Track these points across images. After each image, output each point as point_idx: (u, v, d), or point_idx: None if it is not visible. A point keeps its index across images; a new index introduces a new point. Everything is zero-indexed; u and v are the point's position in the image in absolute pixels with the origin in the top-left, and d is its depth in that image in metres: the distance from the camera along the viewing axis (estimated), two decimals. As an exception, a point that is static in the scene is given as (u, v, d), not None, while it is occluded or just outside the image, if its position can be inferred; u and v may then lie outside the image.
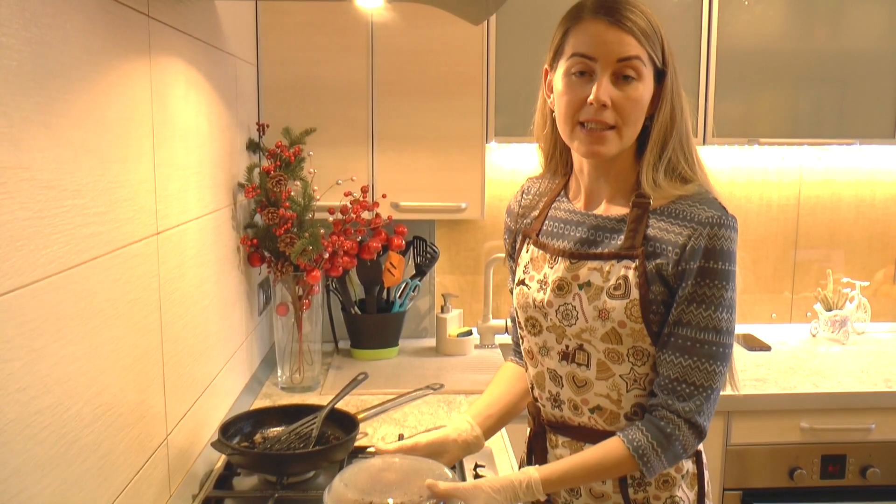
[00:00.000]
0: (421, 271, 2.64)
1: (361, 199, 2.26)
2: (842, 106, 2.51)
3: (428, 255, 2.64)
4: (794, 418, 2.27)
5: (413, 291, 2.63)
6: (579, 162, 1.35)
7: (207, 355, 1.73)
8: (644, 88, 1.24)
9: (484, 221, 2.71)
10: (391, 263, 2.51)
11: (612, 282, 1.25)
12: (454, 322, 2.65)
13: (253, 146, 2.20)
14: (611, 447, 1.24)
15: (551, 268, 1.33)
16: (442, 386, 2.25)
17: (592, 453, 1.26)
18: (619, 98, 1.22)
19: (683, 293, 1.22)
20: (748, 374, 2.40)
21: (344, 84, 2.32)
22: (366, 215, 2.28)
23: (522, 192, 1.49)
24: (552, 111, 1.32)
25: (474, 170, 2.37)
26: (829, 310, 2.76)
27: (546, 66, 1.33)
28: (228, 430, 1.66)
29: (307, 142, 2.14)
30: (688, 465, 1.32)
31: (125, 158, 1.24)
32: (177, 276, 1.50)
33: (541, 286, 1.33)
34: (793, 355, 2.60)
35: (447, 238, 2.76)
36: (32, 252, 0.95)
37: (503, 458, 1.77)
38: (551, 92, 1.31)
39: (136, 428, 1.29)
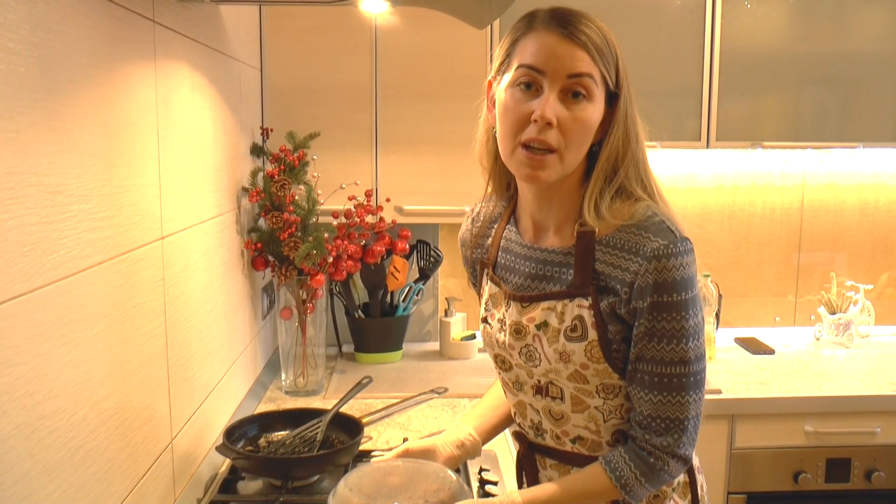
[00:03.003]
0: (424, 275, 2.64)
1: (365, 202, 2.26)
2: (845, 109, 2.51)
3: (432, 259, 2.64)
4: (799, 422, 2.26)
5: (417, 295, 2.63)
6: (522, 188, 1.28)
7: (212, 359, 1.73)
8: (593, 110, 1.15)
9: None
10: (395, 267, 2.51)
11: (568, 323, 1.20)
12: (458, 326, 2.65)
13: (257, 150, 2.20)
14: (594, 476, 1.21)
15: (506, 310, 1.29)
16: (446, 389, 2.25)
17: (576, 481, 1.23)
18: (565, 118, 1.13)
19: (639, 330, 1.16)
20: (752, 378, 2.40)
21: (348, 88, 2.32)
22: (370, 219, 2.28)
23: (472, 220, 1.43)
24: (494, 127, 1.24)
25: (478, 173, 2.36)
26: (833, 313, 2.76)
27: (489, 77, 1.25)
28: (233, 434, 1.66)
29: (311, 146, 2.14)
30: (679, 476, 1.29)
31: (131, 163, 1.24)
32: (182, 280, 1.50)
33: (501, 326, 1.30)
34: (797, 359, 2.60)
35: (451, 242, 2.76)
36: (39, 257, 0.95)
37: (507, 462, 1.77)
38: (493, 106, 1.23)
39: (142, 432, 1.29)
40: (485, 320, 1.36)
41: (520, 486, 1.42)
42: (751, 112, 2.49)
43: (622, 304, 1.16)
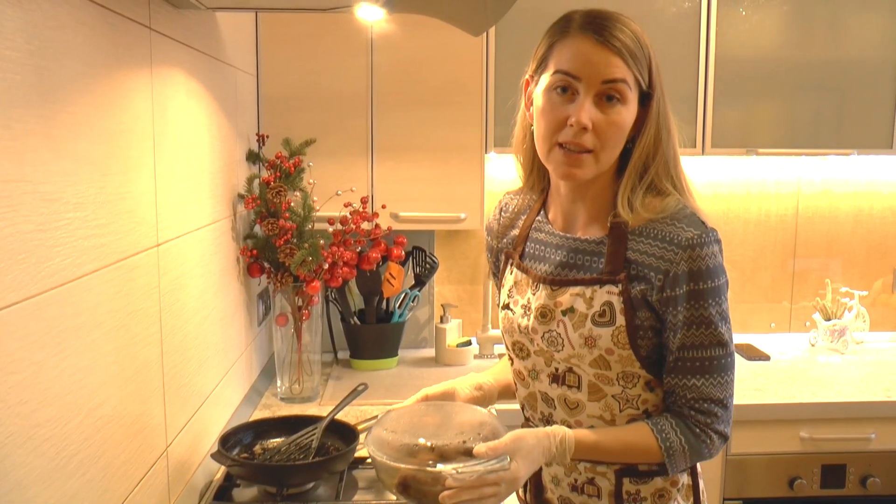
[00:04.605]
0: (420, 281, 2.64)
1: (361, 209, 2.26)
2: (840, 116, 2.52)
3: (427, 266, 2.64)
4: (794, 428, 2.27)
5: (412, 302, 2.63)
6: (556, 182, 1.33)
7: (207, 366, 1.72)
8: (627, 113, 1.21)
9: (483, 232, 2.71)
10: (390, 274, 2.51)
11: (597, 308, 1.23)
12: (453, 332, 2.65)
13: (253, 157, 2.20)
14: (642, 433, 1.24)
15: (534, 294, 1.31)
16: (441, 396, 2.24)
17: (624, 433, 1.25)
18: (600, 121, 1.19)
19: (677, 319, 1.20)
20: (747, 384, 2.40)
21: (344, 94, 2.32)
22: (365, 226, 2.28)
23: (501, 210, 1.47)
24: (531, 125, 1.29)
25: (473, 180, 2.38)
26: (828, 319, 2.76)
27: (527, 76, 1.30)
28: (228, 441, 1.66)
29: (307, 152, 2.14)
30: (683, 479, 1.32)
31: (126, 170, 1.24)
32: (177, 287, 1.50)
33: (525, 312, 1.32)
34: (792, 365, 2.60)
35: (446, 248, 2.76)
36: (34, 265, 0.95)
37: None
38: (531, 104, 1.28)
39: (137, 440, 1.29)
40: (506, 307, 1.37)
41: (525, 484, 1.42)
42: (746, 119, 2.50)
43: (654, 291, 1.20)
